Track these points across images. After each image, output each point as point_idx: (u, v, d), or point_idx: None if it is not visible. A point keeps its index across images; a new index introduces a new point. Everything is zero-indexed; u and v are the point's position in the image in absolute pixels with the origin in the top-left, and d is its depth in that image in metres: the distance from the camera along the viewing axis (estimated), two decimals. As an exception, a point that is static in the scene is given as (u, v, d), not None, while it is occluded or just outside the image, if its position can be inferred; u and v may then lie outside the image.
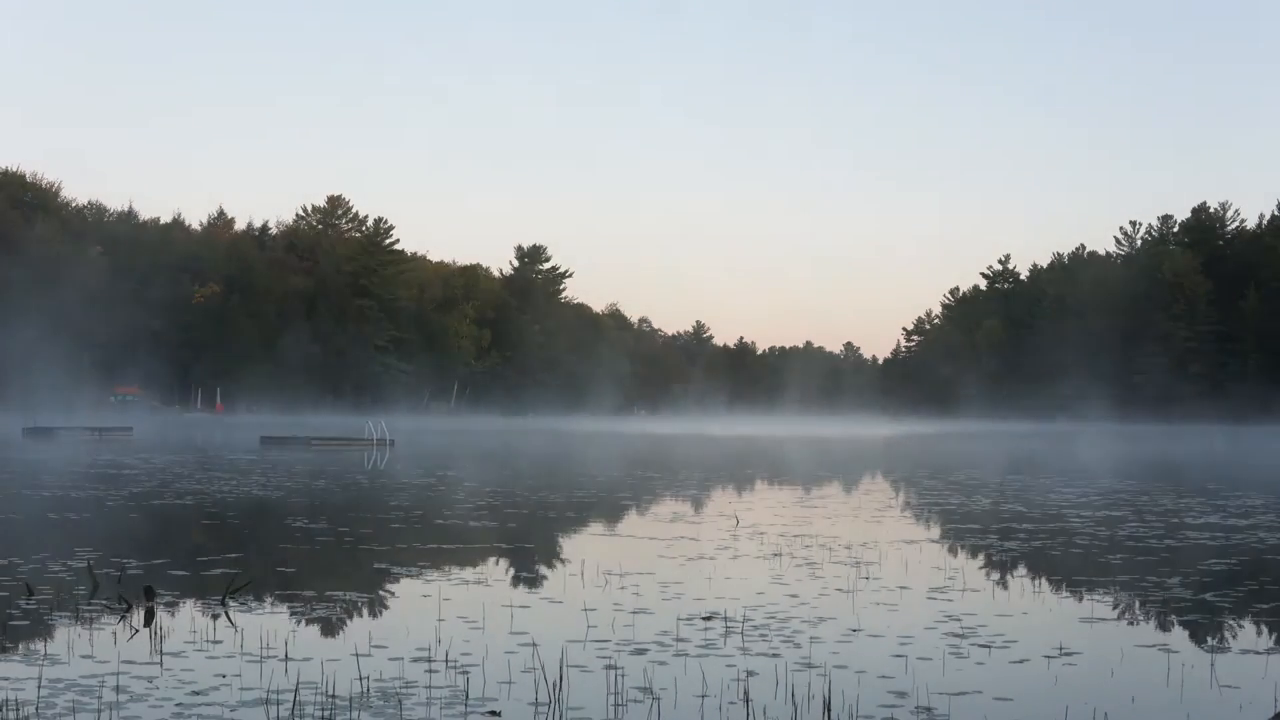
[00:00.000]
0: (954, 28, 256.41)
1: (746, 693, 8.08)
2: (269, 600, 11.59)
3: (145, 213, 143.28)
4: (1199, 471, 39.72)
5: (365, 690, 8.01)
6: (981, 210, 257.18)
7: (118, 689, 7.96)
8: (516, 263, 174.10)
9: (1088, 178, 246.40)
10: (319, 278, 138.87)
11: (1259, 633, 10.61)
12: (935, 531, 19.27)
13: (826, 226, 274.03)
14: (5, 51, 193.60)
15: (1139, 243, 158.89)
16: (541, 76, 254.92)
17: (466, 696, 7.90)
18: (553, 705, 7.73)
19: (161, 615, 10.63)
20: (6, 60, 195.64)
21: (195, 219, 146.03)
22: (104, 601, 11.15)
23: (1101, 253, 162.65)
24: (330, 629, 10.31)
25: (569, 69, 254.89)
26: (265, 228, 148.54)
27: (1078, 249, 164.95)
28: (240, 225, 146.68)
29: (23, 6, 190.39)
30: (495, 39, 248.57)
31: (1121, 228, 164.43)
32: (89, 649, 9.20)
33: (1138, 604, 11.99)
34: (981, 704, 7.92)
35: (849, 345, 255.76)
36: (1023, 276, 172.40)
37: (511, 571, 14.08)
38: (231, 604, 11.14)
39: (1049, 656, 9.33)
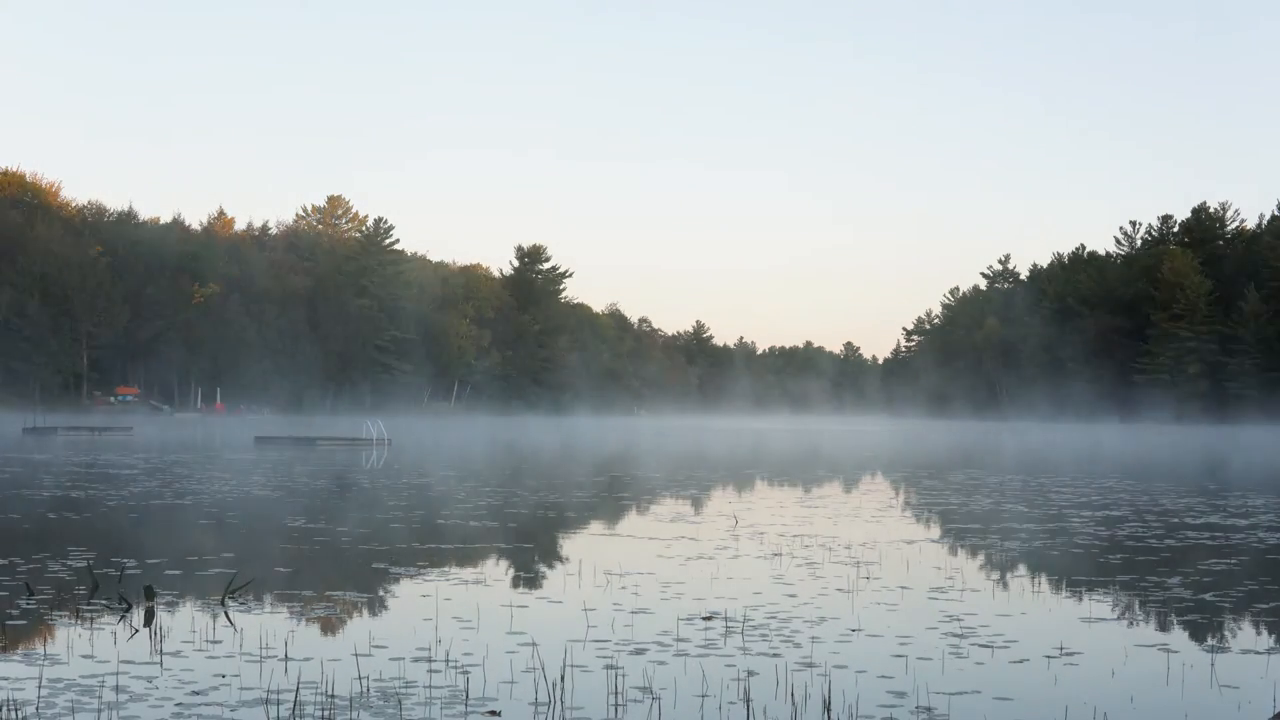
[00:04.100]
0: (954, 28, 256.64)
1: (746, 692, 8.07)
2: (269, 600, 11.58)
3: (145, 213, 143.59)
4: (1197, 471, 39.74)
5: (365, 690, 8.01)
6: (981, 210, 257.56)
7: (118, 689, 7.95)
8: (516, 263, 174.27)
9: (1088, 178, 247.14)
10: (319, 278, 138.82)
11: (1259, 633, 10.61)
12: (935, 531, 19.27)
13: (827, 227, 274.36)
14: (6, 52, 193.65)
15: (1139, 243, 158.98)
16: (541, 76, 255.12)
17: (466, 696, 7.90)
18: (553, 705, 7.72)
19: (161, 615, 10.63)
20: (7, 60, 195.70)
21: (195, 219, 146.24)
22: (104, 601, 11.14)
23: (1101, 253, 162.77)
24: (330, 629, 10.31)
25: (569, 69, 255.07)
26: (265, 228, 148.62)
27: (1078, 249, 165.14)
28: (240, 225, 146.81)
29: (24, 7, 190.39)
30: (495, 39, 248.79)
31: (1121, 228, 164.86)
32: (89, 649, 9.20)
33: (1138, 604, 11.99)
34: (981, 704, 7.91)
35: (849, 345, 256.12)
36: (1023, 276, 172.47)
37: (511, 571, 14.07)
38: (231, 604, 11.14)
39: (1049, 656, 9.33)
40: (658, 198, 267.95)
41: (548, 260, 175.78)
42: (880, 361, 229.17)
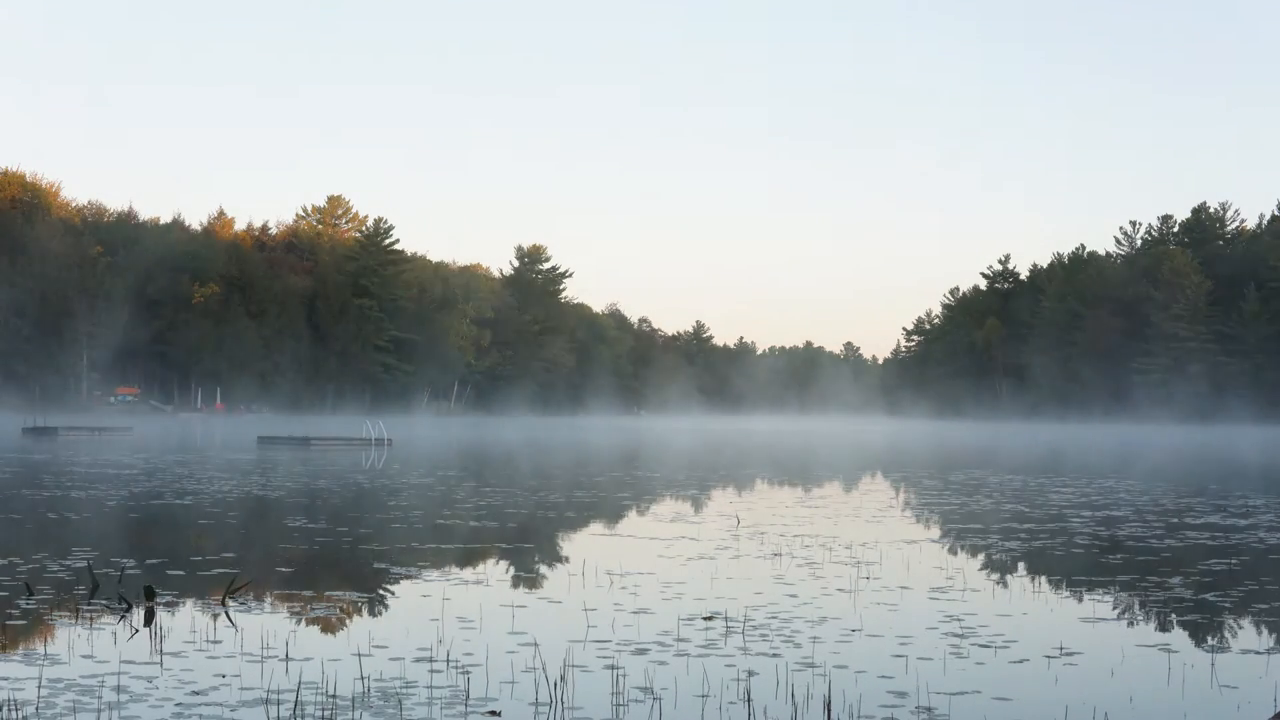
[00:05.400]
0: (954, 29, 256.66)
1: (747, 692, 8.08)
2: (269, 600, 11.58)
3: (145, 213, 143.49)
4: (1197, 471, 39.74)
5: (366, 690, 8.01)
6: (981, 210, 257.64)
7: (118, 689, 7.95)
8: (516, 263, 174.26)
9: (1088, 178, 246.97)
10: (319, 278, 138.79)
11: (1259, 633, 10.61)
12: (936, 531, 19.26)
13: (827, 226, 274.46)
14: (6, 51, 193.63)
15: (1139, 243, 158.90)
16: (541, 77, 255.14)
17: (467, 696, 7.90)
18: (554, 705, 7.72)
19: (161, 615, 10.63)
20: (7, 60, 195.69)
21: (195, 219, 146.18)
22: (104, 601, 11.14)
23: (1101, 253, 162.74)
24: (330, 629, 10.31)
25: (569, 69, 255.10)
26: (265, 228, 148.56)
27: (1078, 249, 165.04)
28: (240, 225, 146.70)
29: (23, 7, 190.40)
30: (496, 39, 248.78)
31: (1121, 228, 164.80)
32: (89, 649, 9.20)
33: (1138, 604, 11.99)
34: (981, 704, 7.92)
35: (849, 345, 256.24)
36: (1023, 276, 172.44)
37: (512, 571, 14.08)
38: (231, 604, 11.14)
39: (1049, 656, 9.33)
40: (658, 198, 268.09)
41: (548, 260, 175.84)
42: (880, 361, 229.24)
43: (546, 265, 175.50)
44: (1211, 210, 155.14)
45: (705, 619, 10.68)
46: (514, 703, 7.78)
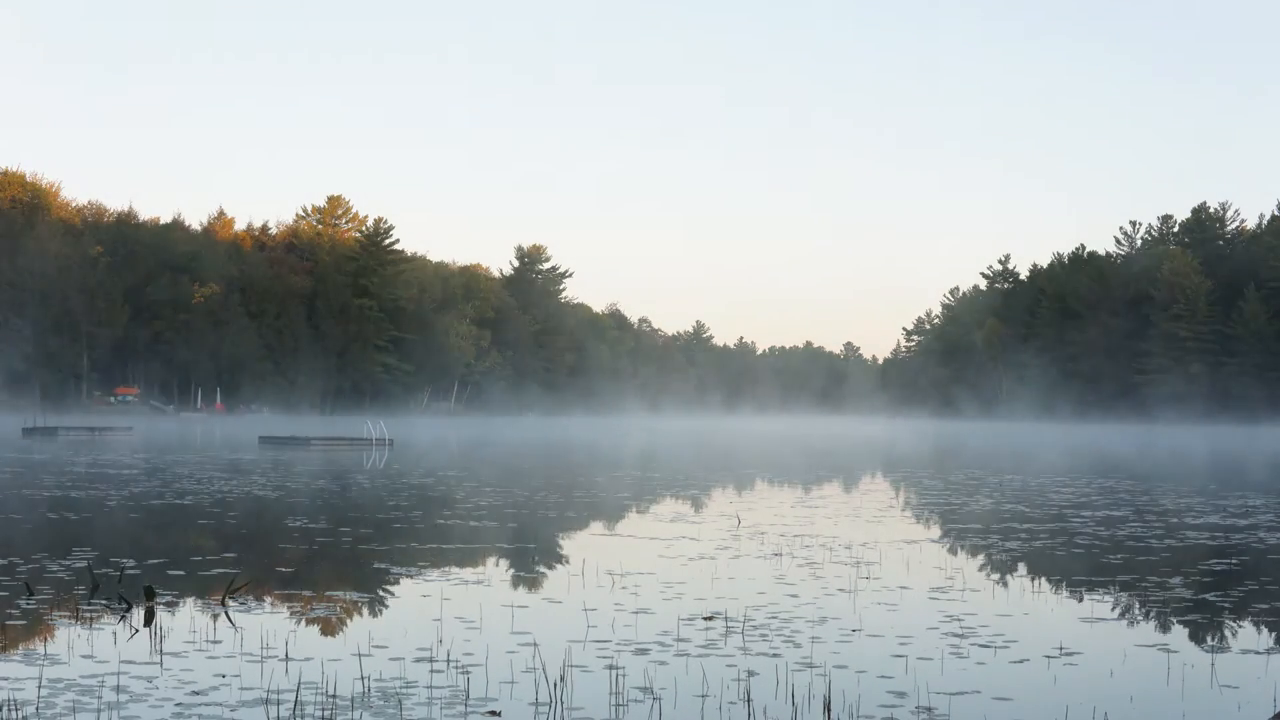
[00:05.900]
0: (955, 28, 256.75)
1: (747, 692, 8.08)
2: (269, 600, 11.58)
3: (145, 213, 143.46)
4: (1197, 471, 39.73)
5: (366, 690, 8.01)
6: (981, 210, 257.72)
7: (118, 689, 7.95)
8: (516, 263, 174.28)
9: (1088, 178, 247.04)
10: (319, 278, 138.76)
11: (1259, 633, 10.60)
12: (936, 531, 19.26)
13: (827, 226, 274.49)
14: (6, 52, 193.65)
15: (1139, 243, 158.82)
16: (541, 77, 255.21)
17: (467, 696, 7.90)
18: (554, 705, 7.72)
19: (161, 615, 10.63)
20: (7, 61, 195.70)
21: (195, 219, 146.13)
22: (104, 601, 11.14)
23: (1101, 253, 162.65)
24: (330, 629, 10.31)
25: (569, 70, 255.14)
26: (265, 228, 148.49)
27: (1078, 249, 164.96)
28: (240, 225, 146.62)
29: (24, 7, 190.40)
30: (496, 40, 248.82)
31: (1121, 228, 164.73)
32: (89, 649, 9.20)
33: (1138, 604, 11.99)
34: (981, 704, 7.92)
35: (849, 345, 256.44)
36: (1023, 276, 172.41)
37: (512, 571, 14.07)
38: (231, 604, 11.14)
39: (1049, 656, 9.33)
40: (658, 198, 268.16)
41: (548, 260, 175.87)
42: (880, 361, 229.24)
43: (546, 265, 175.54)
44: (1211, 210, 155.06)
45: (705, 619, 10.68)
46: (514, 703, 7.78)
